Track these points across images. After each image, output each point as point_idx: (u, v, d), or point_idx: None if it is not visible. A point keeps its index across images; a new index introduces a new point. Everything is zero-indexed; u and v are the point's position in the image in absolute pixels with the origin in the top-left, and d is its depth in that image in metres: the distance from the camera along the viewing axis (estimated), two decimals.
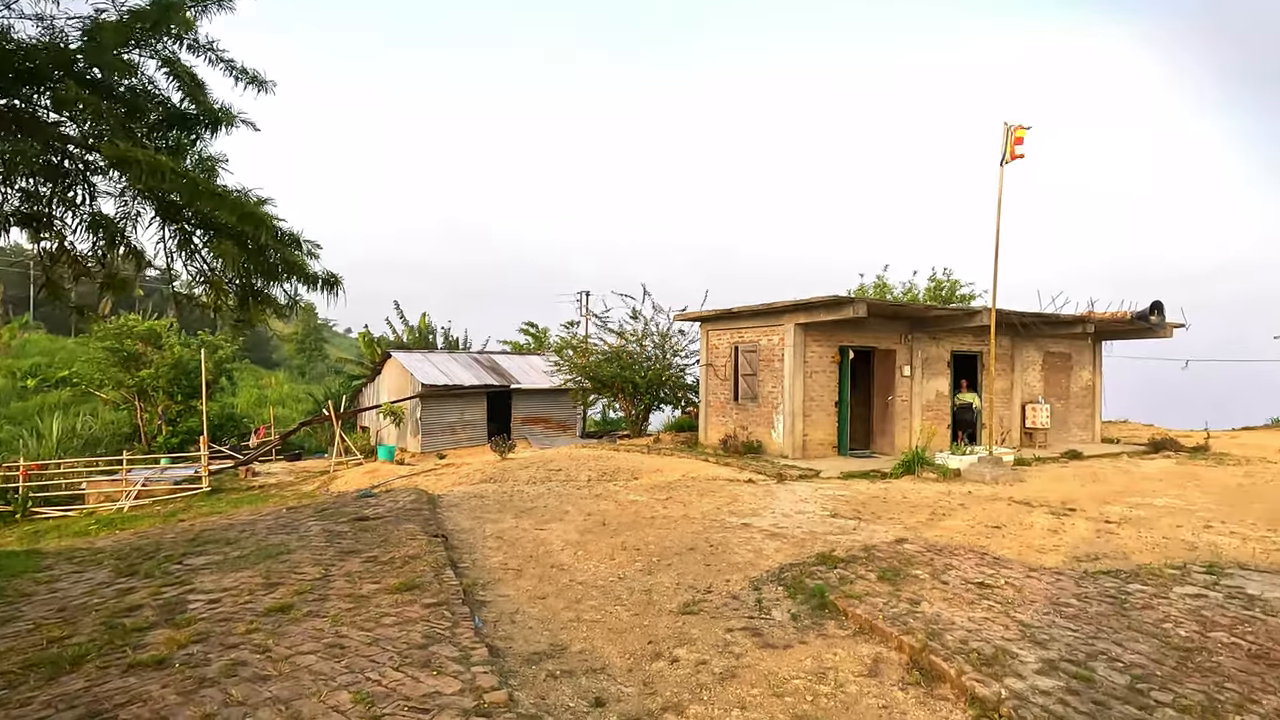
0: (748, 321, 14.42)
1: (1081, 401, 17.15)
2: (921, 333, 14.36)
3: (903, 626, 4.24)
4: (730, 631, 4.38)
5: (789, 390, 13.12)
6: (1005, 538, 6.80)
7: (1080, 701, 3.29)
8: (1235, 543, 6.58)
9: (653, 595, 5.14)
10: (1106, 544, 6.54)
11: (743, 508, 8.34)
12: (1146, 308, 15.04)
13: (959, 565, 5.65)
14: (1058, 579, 5.31)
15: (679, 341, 19.68)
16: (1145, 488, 10.09)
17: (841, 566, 5.62)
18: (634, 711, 3.38)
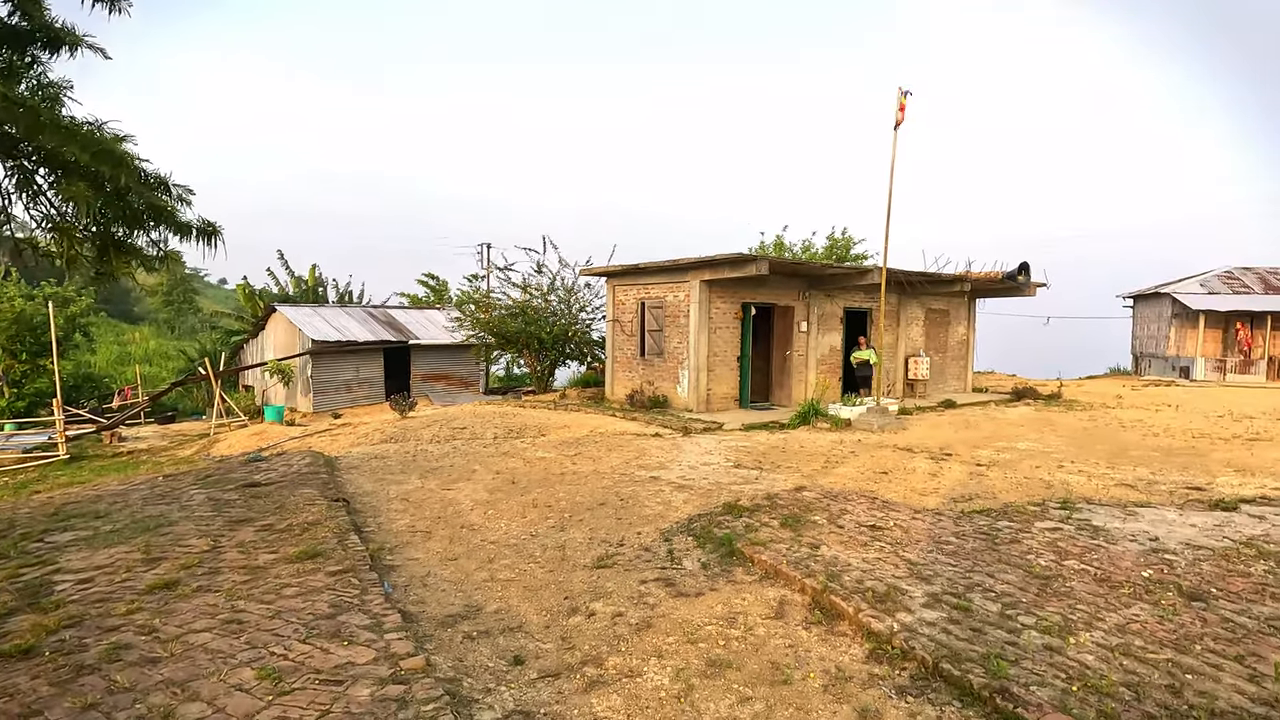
0: (654, 278, 14.49)
1: (957, 354, 18.59)
2: (818, 290, 14.97)
3: (805, 570, 4.51)
4: (644, 583, 4.50)
5: (694, 345, 13.39)
6: (892, 482, 7.33)
7: (961, 630, 3.64)
8: (1083, 480, 7.43)
9: (566, 551, 5.18)
10: (979, 485, 7.21)
11: (651, 461, 8.52)
12: (1015, 268, 16.36)
13: (853, 510, 6.06)
14: (938, 519, 5.80)
15: (585, 297, 19.57)
16: (1010, 433, 11.15)
17: (747, 515, 5.88)
18: (553, 667, 3.43)
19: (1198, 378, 24.14)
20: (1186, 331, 25.25)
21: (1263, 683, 3.09)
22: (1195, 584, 4.26)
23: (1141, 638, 3.54)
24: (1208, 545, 5.04)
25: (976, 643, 3.49)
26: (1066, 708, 2.88)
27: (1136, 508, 6.20)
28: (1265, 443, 10.23)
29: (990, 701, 2.98)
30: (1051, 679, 3.13)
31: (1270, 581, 4.32)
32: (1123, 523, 5.67)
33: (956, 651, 3.39)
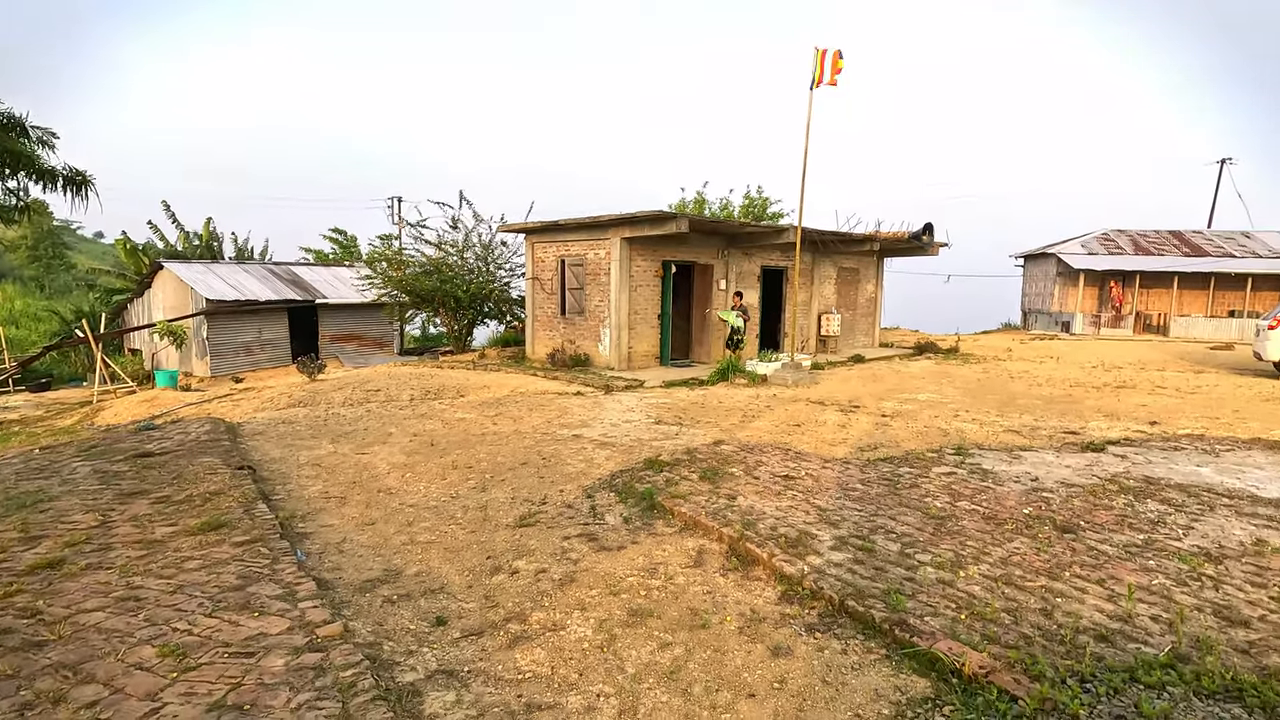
0: (574, 235, 14.28)
1: (866, 311, 19.43)
2: (736, 248, 15.20)
3: (722, 520, 4.68)
4: (567, 539, 4.56)
5: (615, 303, 13.37)
6: (804, 434, 7.67)
7: (865, 569, 3.90)
8: (975, 428, 8.01)
9: (488, 511, 5.16)
10: (883, 435, 7.64)
11: (573, 420, 8.53)
12: (920, 229, 17.13)
13: (768, 461, 6.31)
14: (846, 468, 6.13)
15: (503, 254, 19.08)
16: (912, 385, 11.84)
17: (667, 470, 6.02)
18: (477, 625, 3.45)
19: (1077, 332, 26.29)
20: (1068, 289, 27.36)
21: (1118, 601, 3.48)
22: (1067, 518, 4.71)
23: (1021, 568, 3.91)
24: (1079, 483, 5.58)
25: (878, 580, 3.75)
26: (955, 634, 3.16)
27: (1021, 452, 6.76)
28: (1129, 390, 11.33)
29: (890, 633, 3.22)
30: (943, 609, 3.41)
31: (1128, 513, 4.83)
32: (1009, 466, 6.18)
33: (860, 589, 3.63)
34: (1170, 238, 28.92)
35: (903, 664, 3.02)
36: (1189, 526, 4.57)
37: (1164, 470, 5.98)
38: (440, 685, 2.90)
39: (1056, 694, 2.61)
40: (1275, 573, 3.84)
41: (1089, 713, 2.49)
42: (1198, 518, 4.74)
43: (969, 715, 2.60)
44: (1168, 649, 3.00)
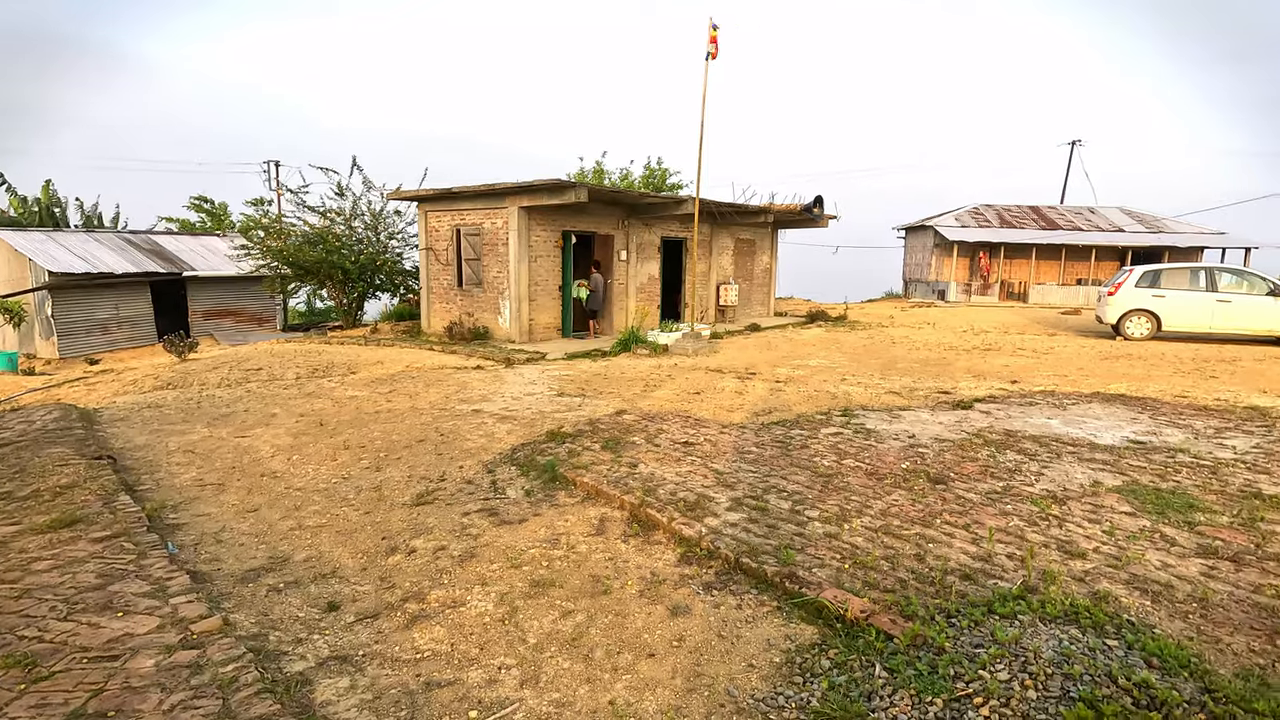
0: (469, 203, 13.81)
1: (762, 281, 20.07)
2: (636, 219, 15.22)
3: (624, 488, 4.75)
4: (467, 515, 4.48)
5: (514, 275, 13.10)
6: (704, 401, 7.87)
7: (758, 527, 4.08)
8: (860, 390, 8.52)
9: (383, 491, 4.98)
10: (777, 400, 7.98)
11: (473, 394, 8.34)
12: (811, 201, 17.80)
13: (668, 429, 6.44)
14: (743, 432, 6.37)
15: (395, 223, 18.17)
16: (804, 352, 12.40)
17: (569, 441, 6.02)
18: (372, 607, 3.34)
19: (951, 299, 28.37)
20: (944, 259, 29.40)
21: (980, 543, 3.84)
22: (939, 471, 5.12)
23: (898, 518, 4.22)
24: (950, 438, 6.06)
25: (771, 537, 3.93)
26: (840, 583, 3.38)
27: (900, 411, 7.25)
28: (994, 352, 12.39)
29: (781, 586, 3.40)
30: (830, 560, 3.64)
31: (990, 464, 5.32)
32: (889, 425, 6.62)
33: (754, 547, 3.80)
34: (1030, 212, 31.60)
35: (793, 614, 3.20)
36: (1040, 473, 5.09)
37: (1021, 424, 6.61)
38: (333, 672, 2.80)
39: (926, 630, 2.85)
40: (1107, 509, 4.35)
41: (953, 644, 2.74)
42: (1047, 465, 5.28)
43: (850, 656, 2.80)
44: (1020, 582, 3.35)
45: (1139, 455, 5.54)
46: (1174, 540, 3.88)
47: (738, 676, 2.75)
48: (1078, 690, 2.33)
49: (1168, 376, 9.66)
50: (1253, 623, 3.02)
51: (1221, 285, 13.96)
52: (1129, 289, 14.45)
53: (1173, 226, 29.80)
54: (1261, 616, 3.07)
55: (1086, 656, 2.60)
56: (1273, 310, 13.32)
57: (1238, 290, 13.79)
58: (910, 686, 2.48)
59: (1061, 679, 2.43)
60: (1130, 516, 4.24)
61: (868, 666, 2.70)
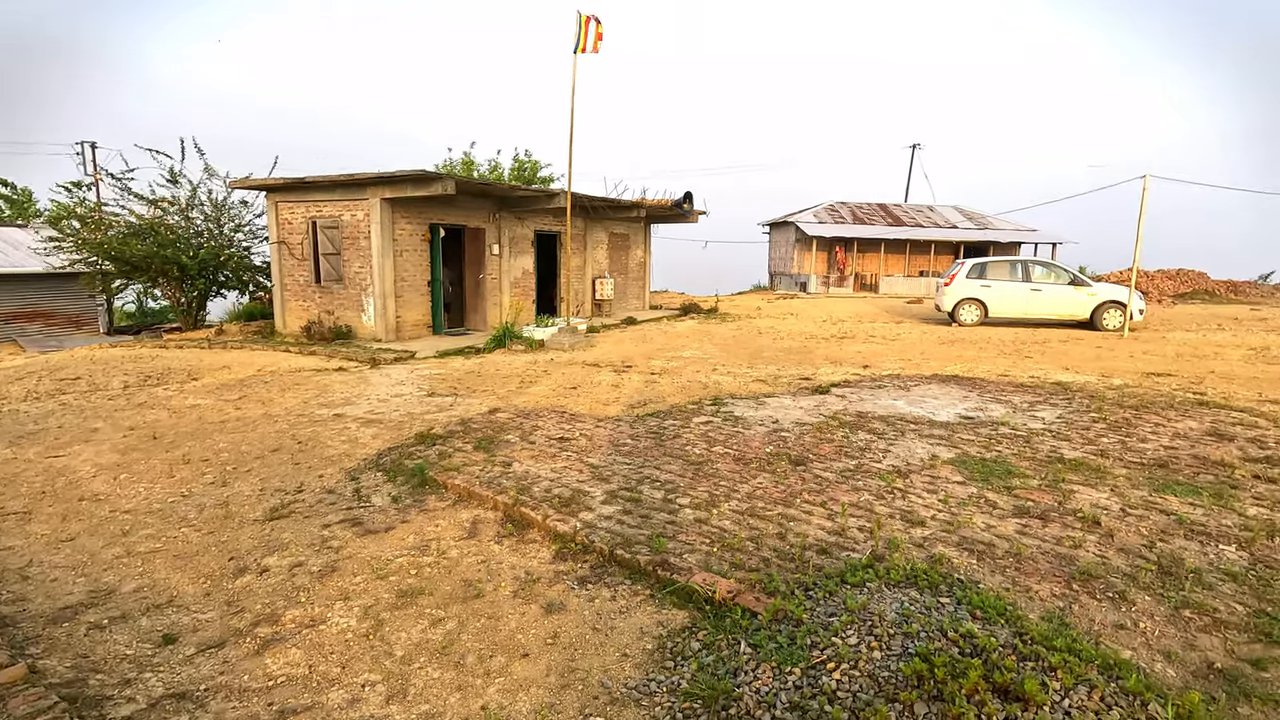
0: (326, 194, 12.92)
1: (637, 275, 20.37)
2: (508, 212, 14.93)
3: (497, 488, 4.67)
4: (327, 527, 4.21)
5: (378, 270, 12.43)
6: (580, 396, 7.89)
7: (632, 518, 4.16)
8: (730, 379, 8.88)
9: (230, 508, 4.57)
10: (652, 391, 8.14)
11: (335, 398, 7.85)
12: (681, 197, 18.27)
13: (544, 425, 6.39)
14: (618, 425, 6.44)
15: (241, 214, 16.65)
16: (678, 344, 12.74)
17: (440, 443, 5.82)
18: (217, 636, 3.06)
19: (812, 291, 30.21)
20: (804, 254, 31.24)
21: (836, 518, 4.13)
22: (800, 453, 5.46)
23: (763, 500, 4.45)
24: (809, 422, 6.47)
25: (644, 527, 4.02)
26: (709, 566, 3.52)
27: (765, 398, 7.64)
28: (849, 340, 13.35)
29: (654, 574, 3.48)
30: (699, 545, 3.77)
31: (844, 444, 5.73)
32: (755, 411, 6.95)
33: (628, 538, 3.87)
34: (879, 210, 34.27)
35: (665, 601, 3.29)
36: (887, 450, 5.55)
37: (871, 405, 7.18)
38: (168, 711, 2.54)
39: (787, 604, 3.03)
40: (943, 480, 4.83)
41: (810, 615, 2.94)
42: (893, 442, 5.77)
43: (718, 636, 2.92)
44: (869, 552, 3.64)
45: (968, 429, 6.18)
46: (995, 504, 4.38)
47: (611, 667, 2.79)
48: (915, 646, 2.57)
49: (992, 358, 10.85)
50: (1055, 571, 3.47)
51: (1034, 276, 15.87)
52: (961, 280, 16.06)
53: (996, 223, 33.43)
54: (1062, 565, 3.53)
55: (923, 615, 2.88)
56: (1074, 297, 15.32)
57: (1047, 280, 15.73)
58: (772, 659, 2.63)
59: (902, 638, 2.67)
60: (961, 485, 4.73)
61: (734, 644, 2.83)
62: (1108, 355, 11.20)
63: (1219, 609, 3.11)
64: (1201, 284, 26.94)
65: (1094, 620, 3.03)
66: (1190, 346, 12.30)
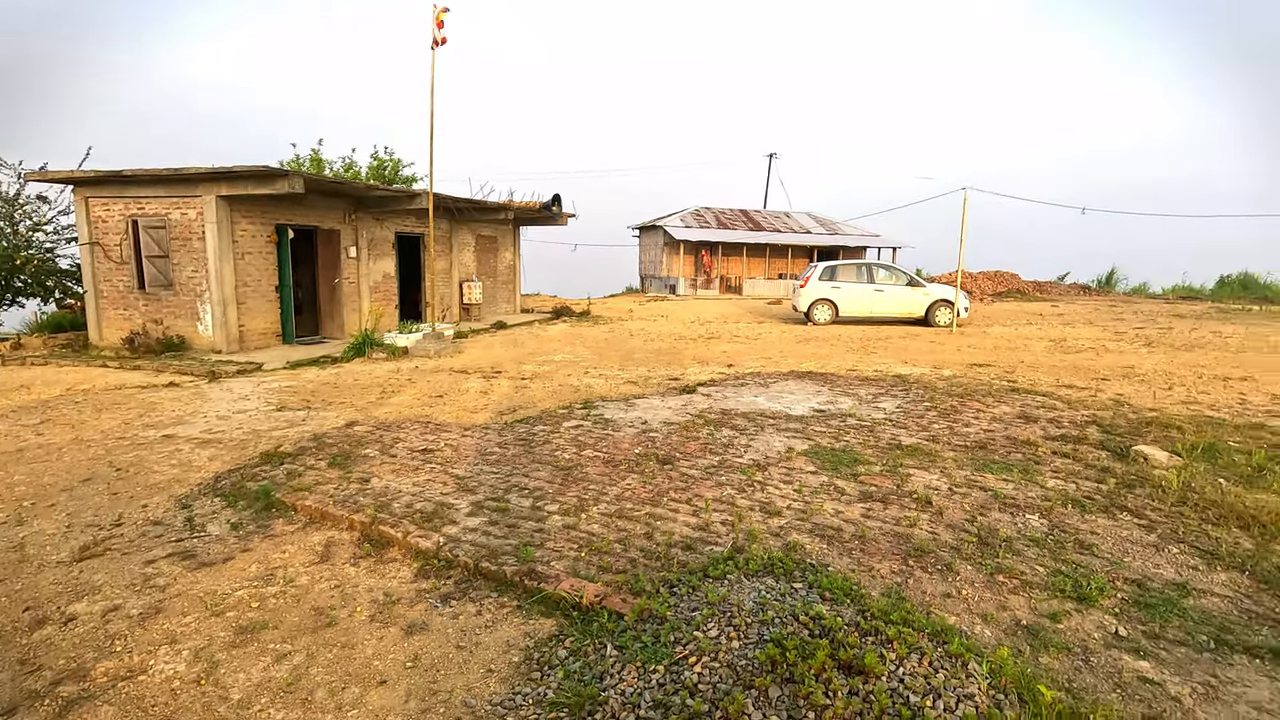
0: (149, 190, 11.59)
1: (506, 278, 20.00)
2: (366, 213, 14.14)
3: (353, 506, 4.39)
4: (152, 563, 3.77)
5: (216, 275, 11.32)
6: (446, 404, 7.61)
7: (499, 529, 4.06)
8: (601, 382, 8.94)
9: (27, 550, 3.97)
10: (522, 397, 8.02)
11: (163, 417, 7.04)
12: (549, 199, 18.17)
13: (406, 437, 6.10)
14: (485, 433, 6.28)
15: (42, 211, 14.52)
16: (549, 347, 12.64)
17: (289, 461, 5.39)
18: (6, 701, 2.64)
19: (681, 293, 31.11)
20: (673, 257, 32.11)
21: (700, 514, 4.27)
22: (667, 452, 5.59)
23: (631, 501, 4.51)
24: (676, 421, 6.65)
25: (511, 537, 3.94)
26: (577, 571, 3.51)
27: (635, 399, 7.76)
28: (716, 340, 13.88)
29: (521, 584, 3.42)
30: (568, 551, 3.75)
31: (709, 441, 5.94)
32: (625, 413, 7.04)
33: (494, 549, 3.77)
34: (740, 215, 35.92)
35: (532, 610, 3.24)
36: (748, 445, 5.82)
37: (734, 403, 7.49)
38: None
39: (652, 603, 3.09)
40: (798, 470, 5.13)
41: (673, 612, 3.01)
42: (754, 437, 6.06)
43: (585, 642, 2.92)
44: (730, 545, 3.80)
45: (820, 422, 6.62)
46: (844, 490, 4.72)
47: (475, 685, 2.71)
48: (769, 633, 2.71)
49: (843, 354, 11.70)
50: (894, 550, 3.79)
51: (878, 279, 17.30)
52: (815, 282, 17.19)
53: (845, 229, 36.11)
54: (900, 543, 3.87)
55: (778, 602, 3.04)
56: (911, 297, 16.86)
57: (889, 282, 17.20)
58: (637, 659, 2.66)
59: (758, 626, 2.81)
60: (814, 474, 5.05)
61: (600, 648, 2.84)
62: (939, 349, 12.44)
63: (1025, 572, 3.54)
64: (1015, 284, 30.61)
65: (926, 592, 3.34)
66: (1005, 340, 13.94)
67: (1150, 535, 4.00)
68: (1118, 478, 4.93)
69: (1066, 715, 2.36)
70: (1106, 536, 3.98)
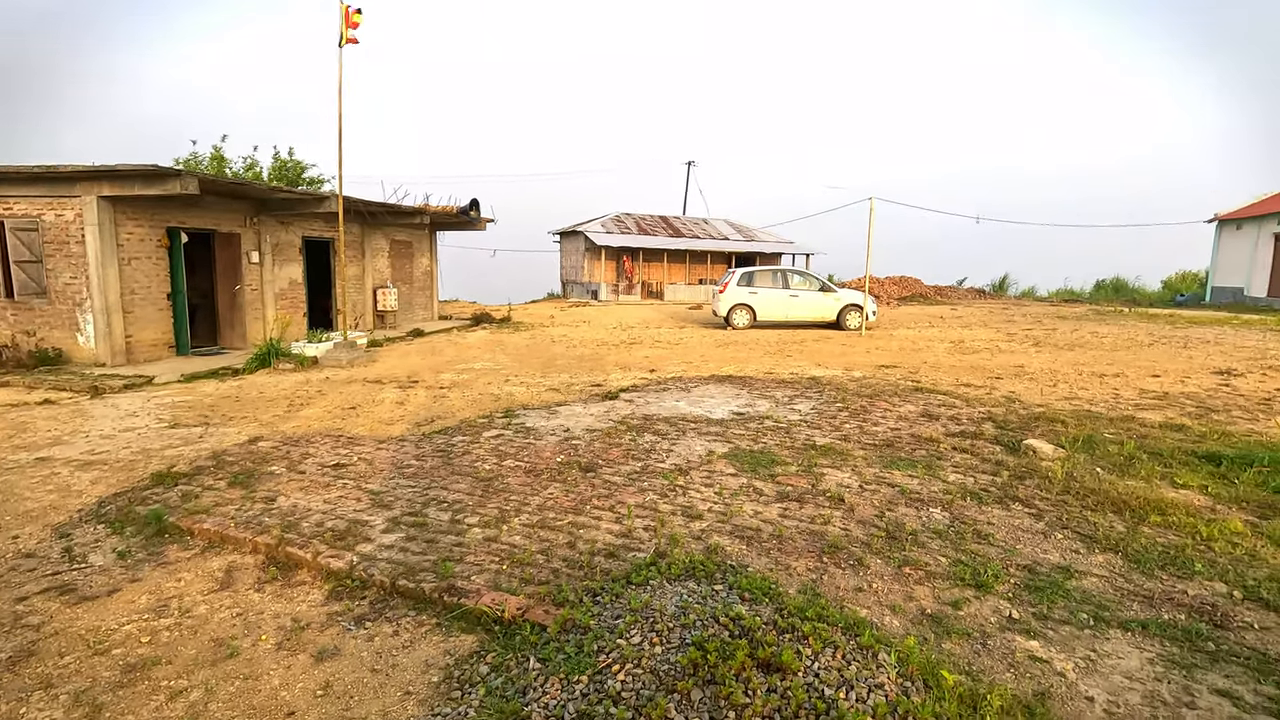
0: (18, 189, 10.57)
1: (423, 285, 19.45)
2: (270, 216, 13.43)
3: (257, 528, 4.15)
4: (23, 600, 3.43)
5: (98, 281, 10.45)
6: (360, 417, 7.32)
7: (417, 545, 3.94)
8: (523, 390, 8.83)
9: None
10: (440, 407, 7.81)
11: (37, 438, 6.44)
12: (467, 204, 17.82)
13: (316, 452, 5.82)
14: (402, 445, 6.08)
15: None
16: (469, 355, 12.37)
17: (185, 482, 5.04)
18: None
19: (603, 299, 31.14)
20: (594, 262, 32.12)
21: (623, 521, 4.29)
22: (590, 459, 5.58)
23: (554, 510, 4.47)
24: (599, 428, 6.65)
25: (430, 552, 3.83)
26: (499, 585, 3.45)
27: (558, 407, 7.71)
28: (638, 345, 13.97)
29: (440, 601, 3.33)
30: (489, 565, 3.68)
31: (632, 447, 5.97)
32: (547, 421, 6.98)
33: (412, 566, 3.66)
34: (661, 221, 36.35)
35: (453, 627, 3.16)
36: (670, 449, 5.89)
37: (656, 408, 7.57)
38: None
39: (575, 613, 3.07)
40: (718, 473, 5.24)
41: (596, 621, 3.01)
42: (676, 441, 6.14)
43: (507, 656, 2.87)
44: (653, 550, 3.83)
45: (740, 425, 6.78)
46: (762, 491, 4.85)
47: (392, 709, 2.61)
48: (691, 636, 2.75)
49: (760, 358, 12.04)
50: (809, 548, 3.93)
51: (792, 284, 17.90)
52: (733, 288, 17.61)
53: (761, 236, 37.18)
54: (814, 541, 4.01)
55: (699, 605, 3.09)
56: (824, 302, 17.54)
57: (803, 288, 17.83)
58: (560, 671, 2.64)
59: (680, 629, 2.84)
60: (734, 477, 5.16)
61: (523, 662, 2.80)
62: (850, 351, 13.00)
63: (929, 563, 3.74)
64: (918, 288, 32.38)
65: (839, 587, 3.48)
66: (910, 342, 14.72)
67: (1039, 523, 4.32)
68: (1010, 470, 5.30)
69: (967, 697, 2.51)
70: (1001, 526, 4.27)
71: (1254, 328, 17.23)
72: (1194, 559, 3.78)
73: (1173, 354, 12.32)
